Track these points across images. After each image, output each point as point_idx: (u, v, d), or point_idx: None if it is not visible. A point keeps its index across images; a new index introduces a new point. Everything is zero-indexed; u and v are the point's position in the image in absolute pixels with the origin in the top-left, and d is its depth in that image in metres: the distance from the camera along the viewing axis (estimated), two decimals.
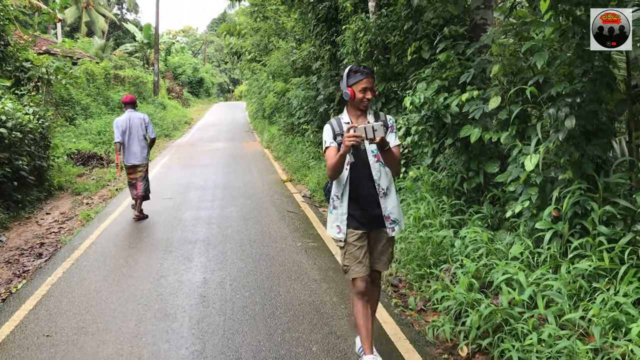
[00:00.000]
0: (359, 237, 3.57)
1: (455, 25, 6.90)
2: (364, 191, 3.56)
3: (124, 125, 8.34)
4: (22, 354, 4.12)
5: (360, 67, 3.49)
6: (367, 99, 3.46)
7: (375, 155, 3.53)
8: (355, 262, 3.55)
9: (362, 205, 3.57)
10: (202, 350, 4.07)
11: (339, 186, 3.59)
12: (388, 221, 3.61)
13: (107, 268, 6.11)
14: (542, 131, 4.86)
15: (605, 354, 3.48)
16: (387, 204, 3.60)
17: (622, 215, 4.38)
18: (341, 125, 3.54)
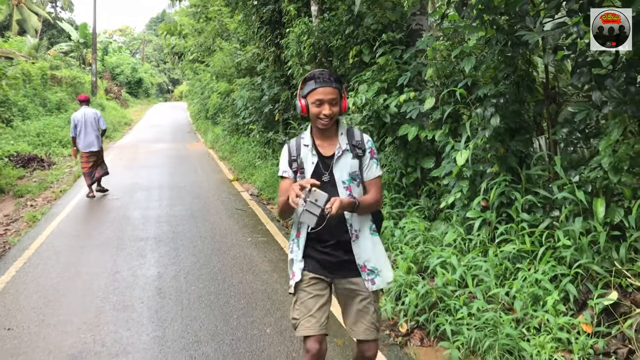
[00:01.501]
0: (315, 283, 2.78)
1: (393, 31, 7.36)
2: (330, 235, 2.76)
3: (79, 120, 10.21)
4: None
5: (317, 73, 2.71)
6: (324, 115, 2.67)
7: (347, 188, 2.76)
8: (306, 314, 2.72)
9: (326, 250, 2.80)
10: (162, 336, 4.34)
11: (295, 226, 2.88)
12: (364, 271, 2.80)
13: (60, 266, 6.22)
14: (471, 129, 5.37)
15: (525, 323, 3.99)
16: (361, 250, 2.80)
17: (542, 203, 4.92)
18: (299, 147, 2.83)
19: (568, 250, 4.23)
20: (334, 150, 2.79)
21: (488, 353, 3.79)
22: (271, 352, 4.03)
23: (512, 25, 4.89)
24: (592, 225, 4.27)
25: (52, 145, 17.33)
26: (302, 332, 2.72)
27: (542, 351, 3.61)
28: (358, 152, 2.80)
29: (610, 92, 4.07)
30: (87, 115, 10.33)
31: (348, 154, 2.79)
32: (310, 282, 2.78)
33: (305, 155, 2.80)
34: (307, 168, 2.79)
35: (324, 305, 2.77)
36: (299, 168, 2.80)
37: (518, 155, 5.29)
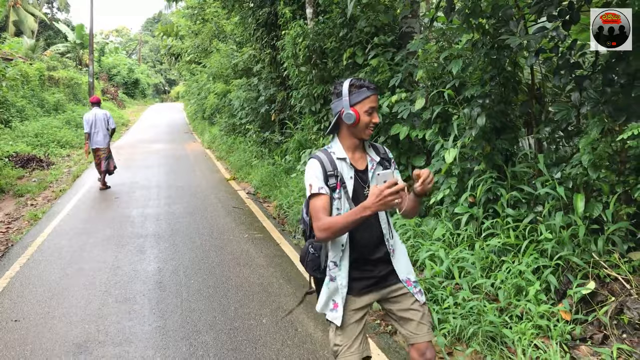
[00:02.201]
0: (359, 308, 2.66)
1: (385, 34, 7.58)
2: (370, 253, 2.65)
3: (91, 119, 11.19)
4: None
5: (364, 82, 2.58)
6: (374, 124, 2.57)
7: None
8: (350, 341, 2.60)
9: (368, 268, 2.67)
10: (163, 326, 4.54)
11: (336, 249, 2.62)
12: (410, 285, 2.71)
13: (63, 262, 6.42)
14: (458, 128, 5.59)
15: (508, 312, 4.21)
16: (400, 264, 2.73)
17: (526, 199, 5.15)
18: (334, 162, 2.59)
19: (550, 243, 4.46)
20: (365, 163, 2.67)
21: (472, 339, 4.01)
22: (267, 341, 4.24)
23: (497, 29, 5.12)
24: (572, 220, 4.50)
25: (51, 145, 17.50)
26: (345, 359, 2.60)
27: (523, 337, 3.82)
28: (386, 164, 2.71)
29: (588, 93, 4.30)
30: (97, 115, 11.30)
31: (379, 167, 2.68)
32: (353, 306, 2.64)
33: (342, 169, 2.59)
34: (347, 183, 2.59)
35: (364, 330, 2.68)
36: (340, 183, 2.57)
37: (504, 153, 5.53)
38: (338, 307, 2.61)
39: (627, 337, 3.72)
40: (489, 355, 3.85)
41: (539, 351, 3.68)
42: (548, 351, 3.62)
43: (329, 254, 2.64)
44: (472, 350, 3.93)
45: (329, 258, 2.64)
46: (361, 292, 2.64)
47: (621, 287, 4.05)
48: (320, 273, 2.68)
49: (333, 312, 2.61)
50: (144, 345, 4.21)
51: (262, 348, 4.12)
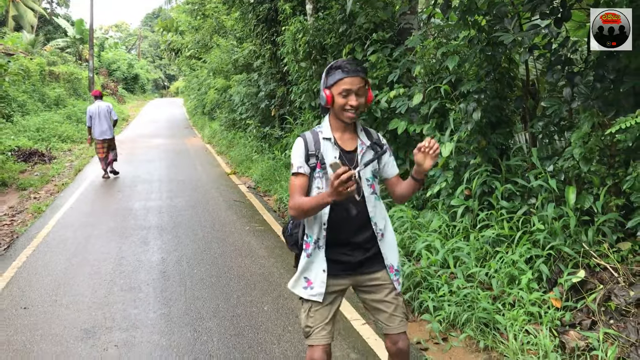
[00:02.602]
0: (334, 291, 2.69)
1: (384, 30, 7.72)
2: (352, 235, 2.64)
3: (94, 112, 11.83)
4: (3, 323, 4.61)
5: (343, 63, 2.58)
6: (350, 106, 2.53)
7: (371, 185, 2.67)
8: (322, 322, 2.63)
9: (347, 250, 2.66)
10: (168, 313, 4.70)
11: (316, 226, 2.63)
12: (392, 272, 2.72)
13: (68, 252, 6.57)
14: (455, 123, 5.74)
15: (501, 300, 4.37)
16: (387, 249, 2.72)
17: (520, 192, 5.31)
18: (319, 142, 2.63)
19: (542, 234, 4.61)
20: (355, 145, 2.68)
21: (466, 325, 4.18)
22: (269, 327, 4.39)
23: (492, 26, 5.26)
24: (564, 211, 4.65)
25: (52, 140, 17.63)
26: (314, 342, 2.62)
27: (514, 323, 3.98)
28: (378, 150, 2.70)
29: (578, 88, 4.44)
30: (100, 107, 11.94)
31: (370, 151, 2.69)
32: (328, 289, 2.64)
33: (325, 149, 2.62)
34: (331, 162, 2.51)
35: (335, 313, 2.71)
36: (320, 163, 2.60)
37: (499, 147, 5.67)
38: (313, 285, 2.63)
39: (614, 322, 3.87)
40: (482, 341, 4.02)
41: (530, 336, 3.84)
42: (538, 336, 3.77)
43: (310, 231, 2.65)
44: (466, 335, 4.10)
45: (310, 236, 2.65)
46: (337, 275, 2.66)
47: (610, 275, 4.21)
48: (297, 248, 2.75)
49: (308, 290, 2.63)
50: (149, 331, 4.37)
51: (264, 333, 4.28)
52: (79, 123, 21.70)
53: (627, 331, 3.75)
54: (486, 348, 3.99)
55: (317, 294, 2.62)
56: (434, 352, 4.06)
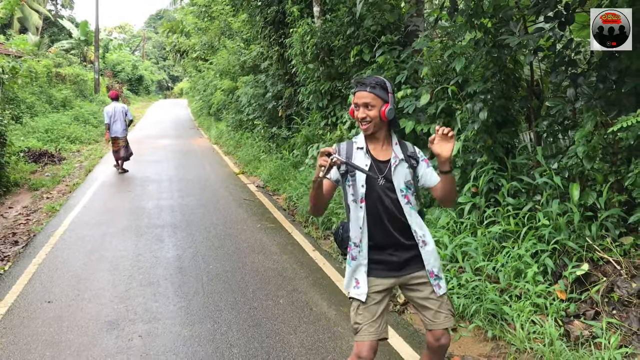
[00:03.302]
0: (381, 290, 2.85)
1: (392, 32, 7.91)
2: (392, 237, 2.83)
3: (111, 112, 12.95)
4: (30, 316, 4.81)
5: (361, 78, 2.87)
6: (360, 119, 2.78)
7: (405, 196, 2.82)
8: (370, 320, 2.80)
9: (388, 250, 2.85)
10: (187, 306, 4.90)
11: (355, 230, 2.85)
12: (432, 277, 2.88)
13: (86, 250, 6.77)
14: (461, 122, 5.93)
15: (508, 292, 4.55)
16: (429, 256, 2.87)
17: (525, 189, 5.49)
18: (351, 150, 2.87)
19: (547, 229, 4.79)
20: (388, 156, 2.85)
21: (475, 316, 4.36)
22: (285, 318, 4.59)
23: (497, 28, 5.44)
24: (568, 207, 4.83)
25: (61, 141, 17.83)
26: (364, 338, 2.77)
27: (521, 314, 4.17)
28: (413, 162, 2.85)
29: (581, 89, 4.62)
30: (116, 108, 13.06)
31: (404, 164, 2.84)
32: (375, 288, 2.82)
33: (357, 157, 2.84)
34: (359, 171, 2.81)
35: (385, 311, 2.86)
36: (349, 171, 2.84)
37: (504, 146, 5.85)
38: (360, 284, 2.82)
39: (616, 312, 4.06)
40: (490, 330, 4.20)
41: (536, 326, 4.02)
42: (544, 326, 3.95)
43: (351, 234, 2.86)
44: (475, 325, 4.29)
45: (350, 239, 2.86)
46: (380, 274, 2.83)
47: (613, 268, 4.38)
48: (345, 250, 2.95)
49: (356, 289, 2.83)
50: (171, 323, 4.56)
51: (281, 324, 4.47)
52: (86, 124, 21.94)
53: (629, 320, 3.93)
54: (494, 337, 4.18)
55: (361, 294, 2.81)
56: None
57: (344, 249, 2.96)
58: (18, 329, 4.55)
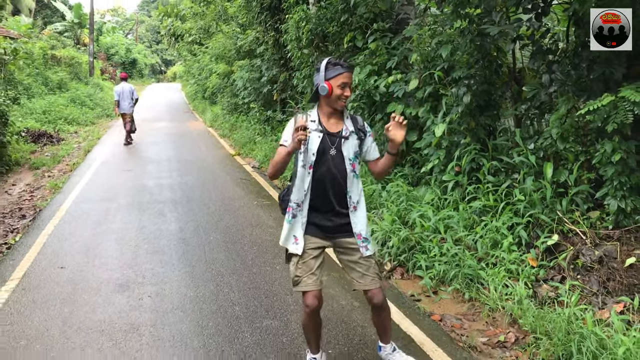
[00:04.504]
0: (316, 247, 3.22)
1: (384, 20, 8.28)
2: (330, 204, 3.20)
3: (120, 91, 14.86)
4: (46, 279, 5.22)
5: (339, 61, 3.15)
6: (345, 97, 3.12)
7: (352, 164, 3.20)
8: (308, 272, 3.15)
9: (326, 216, 3.22)
10: (191, 272, 5.32)
11: (299, 193, 3.20)
12: (360, 239, 3.24)
13: (92, 222, 7.17)
14: (446, 106, 6.35)
15: (485, 261, 4.99)
16: (358, 220, 3.25)
17: (505, 168, 5.92)
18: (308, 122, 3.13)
19: (522, 204, 5.23)
20: (340, 128, 3.21)
21: (454, 281, 4.81)
22: (282, 282, 5.02)
23: (481, 18, 5.84)
24: (543, 184, 5.27)
25: (58, 122, 18.11)
26: (303, 288, 3.14)
27: (495, 278, 4.61)
28: (361, 135, 3.24)
29: (555, 75, 5.04)
30: (124, 88, 14.95)
31: (354, 136, 3.21)
32: (311, 245, 3.18)
33: (310, 127, 3.11)
34: (314, 141, 3.15)
35: (321, 265, 3.23)
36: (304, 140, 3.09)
37: (486, 128, 6.27)
38: (299, 241, 3.18)
39: (580, 277, 4.51)
40: (467, 293, 4.66)
41: (508, 289, 4.47)
42: (515, 288, 4.40)
43: (294, 197, 3.22)
44: (453, 288, 4.75)
45: (293, 199, 3.22)
46: (316, 234, 3.22)
47: (580, 239, 4.84)
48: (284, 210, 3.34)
49: (295, 245, 3.19)
50: (177, 285, 4.99)
51: (278, 287, 4.91)
52: (82, 106, 22.20)
53: (590, 283, 4.39)
54: (470, 299, 4.64)
55: (300, 248, 3.18)
56: (426, 302, 4.70)
57: (284, 209, 3.32)
58: (36, 290, 4.96)
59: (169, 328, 4.15)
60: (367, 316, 4.24)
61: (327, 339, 3.91)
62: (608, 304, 4.12)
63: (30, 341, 3.99)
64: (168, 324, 4.21)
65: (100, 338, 4.01)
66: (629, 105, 4.25)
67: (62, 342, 3.97)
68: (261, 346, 3.85)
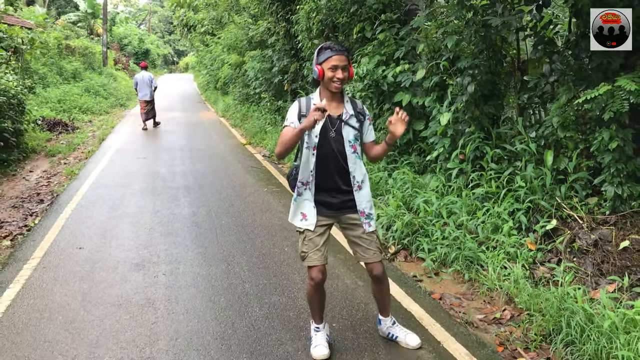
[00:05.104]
0: (322, 225, 3.43)
1: (392, 11, 8.45)
2: (334, 183, 3.39)
3: (140, 79, 16.05)
4: (65, 258, 5.48)
5: (331, 44, 3.28)
6: (337, 79, 3.22)
7: (352, 146, 3.38)
8: (314, 249, 3.36)
9: (330, 194, 3.41)
10: (204, 252, 5.56)
11: (305, 173, 3.40)
12: (363, 216, 3.44)
13: (108, 207, 7.43)
14: (452, 95, 6.52)
15: (486, 244, 5.18)
16: (362, 199, 3.44)
17: (507, 156, 6.10)
18: (309, 106, 3.33)
19: (522, 190, 5.41)
20: (340, 112, 3.36)
21: (454, 262, 5.01)
22: (290, 262, 5.25)
23: (485, 9, 6.00)
24: (543, 171, 5.44)
25: (73, 111, 18.43)
26: (310, 263, 3.37)
27: (495, 260, 4.80)
28: (360, 118, 3.42)
29: (555, 65, 5.21)
30: (144, 76, 16.08)
31: (353, 119, 3.39)
32: (317, 222, 3.39)
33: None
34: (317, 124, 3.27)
35: (326, 242, 3.42)
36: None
37: (490, 117, 6.44)
38: (307, 217, 3.40)
39: (576, 259, 4.70)
40: (466, 274, 4.86)
41: (506, 270, 4.66)
42: (513, 270, 4.59)
43: (301, 177, 3.41)
44: (454, 269, 4.96)
45: (299, 179, 3.42)
46: (322, 212, 3.42)
47: (577, 224, 5.01)
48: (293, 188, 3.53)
49: (304, 221, 3.41)
50: (190, 264, 5.23)
51: (286, 267, 5.14)
52: (97, 96, 22.55)
53: (585, 265, 4.58)
54: (470, 280, 4.84)
55: (310, 224, 3.40)
56: (427, 283, 4.91)
57: (292, 187, 3.53)
58: (56, 268, 5.22)
59: (183, 303, 4.39)
60: (369, 294, 4.46)
61: (332, 314, 4.14)
62: (601, 284, 4.31)
63: (52, 313, 4.25)
64: (182, 299, 4.46)
65: (118, 311, 4.26)
66: (625, 94, 4.40)
67: (83, 314, 4.22)
68: (269, 319, 4.08)
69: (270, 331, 3.91)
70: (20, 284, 4.83)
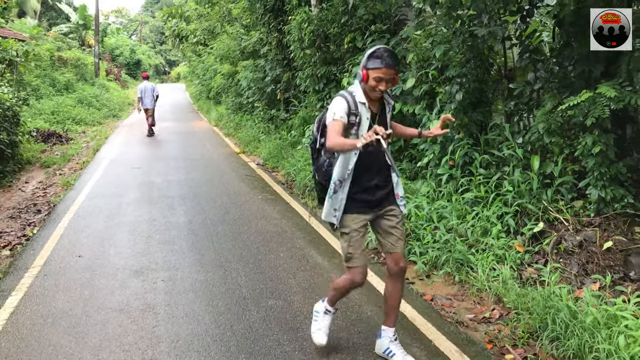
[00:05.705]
0: (363, 225, 3.45)
1: (382, 21, 8.65)
2: (373, 180, 3.41)
3: (143, 88, 17.03)
4: (66, 266, 5.60)
5: (383, 53, 3.20)
6: (379, 90, 3.23)
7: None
8: (360, 250, 3.41)
9: (370, 191, 3.41)
10: (201, 259, 5.69)
11: (342, 171, 3.39)
12: (399, 198, 3.54)
13: (105, 216, 7.55)
14: (440, 103, 6.70)
15: (475, 247, 5.34)
16: (396, 185, 3.55)
17: (496, 161, 6.28)
18: (357, 104, 3.31)
19: (510, 194, 5.58)
20: (378, 107, 3.42)
21: (445, 265, 5.17)
22: (286, 267, 5.39)
23: (472, 20, 6.19)
24: (530, 176, 5.62)
25: (67, 122, 18.54)
26: (357, 263, 3.40)
27: (484, 262, 4.96)
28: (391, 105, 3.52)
29: (540, 73, 5.40)
30: (146, 86, 17.03)
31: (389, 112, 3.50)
32: (358, 223, 3.40)
33: (362, 111, 3.31)
34: (364, 123, 3.32)
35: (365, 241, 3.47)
36: (358, 122, 3.31)
37: (478, 124, 6.63)
38: (337, 213, 3.41)
39: (562, 260, 4.86)
40: (457, 275, 5.02)
41: (495, 272, 4.82)
42: (501, 271, 4.75)
43: (337, 174, 3.40)
44: (445, 272, 5.11)
45: (336, 176, 3.40)
46: (361, 211, 3.40)
47: (563, 226, 5.19)
48: (326, 182, 3.51)
49: (335, 218, 3.42)
50: (188, 271, 5.36)
51: (282, 272, 5.28)
52: (89, 107, 22.64)
53: (571, 265, 4.75)
54: (460, 281, 4.99)
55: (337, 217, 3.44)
56: (419, 285, 5.07)
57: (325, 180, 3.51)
58: (57, 275, 5.34)
59: (182, 307, 4.52)
60: (365, 298, 4.62)
61: None
62: (586, 284, 4.48)
63: (56, 319, 4.37)
64: (181, 304, 4.59)
65: (119, 316, 4.39)
66: (605, 101, 4.59)
67: (85, 320, 4.34)
68: (267, 322, 4.22)
69: (268, 332, 4.05)
70: (22, 292, 4.95)
